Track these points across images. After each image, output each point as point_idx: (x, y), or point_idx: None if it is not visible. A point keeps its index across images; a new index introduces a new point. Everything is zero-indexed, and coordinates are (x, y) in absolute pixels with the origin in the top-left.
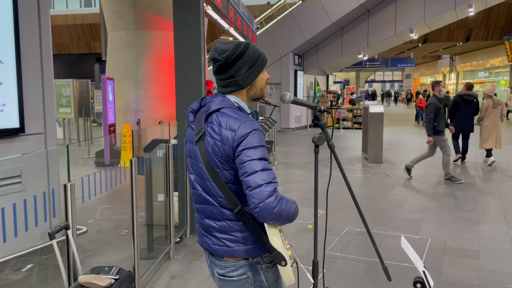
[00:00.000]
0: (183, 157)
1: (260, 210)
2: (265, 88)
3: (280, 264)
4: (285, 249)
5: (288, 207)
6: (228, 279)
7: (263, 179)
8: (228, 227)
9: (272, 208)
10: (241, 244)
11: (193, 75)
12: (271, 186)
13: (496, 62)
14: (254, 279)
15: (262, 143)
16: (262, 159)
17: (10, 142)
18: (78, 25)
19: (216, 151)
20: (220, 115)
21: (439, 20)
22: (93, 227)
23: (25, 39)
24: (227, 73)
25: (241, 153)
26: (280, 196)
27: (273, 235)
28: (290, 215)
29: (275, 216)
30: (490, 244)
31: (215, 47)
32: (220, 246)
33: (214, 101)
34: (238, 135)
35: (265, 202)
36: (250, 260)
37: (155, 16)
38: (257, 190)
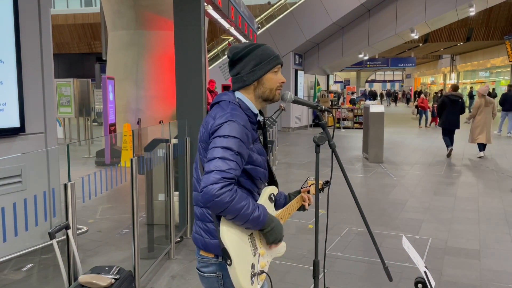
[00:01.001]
0: (183, 157)
1: (203, 194)
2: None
3: (226, 262)
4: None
5: (238, 203)
6: (201, 274)
7: (217, 166)
8: (204, 216)
9: (213, 195)
10: (212, 236)
11: (194, 74)
12: (221, 174)
13: (497, 62)
14: (224, 280)
15: (234, 134)
16: (227, 148)
17: (11, 141)
18: (79, 25)
19: (201, 137)
20: (216, 106)
21: (440, 20)
22: (93, 227)
23: (26, 38)
24: (235, 69)
25: (212, 140)
26: (232, 188)
27: (226, 230)
28: (241, 214)
29: (217, 204)
30: (491, 244)
31: (230, 47)
32: (198, 235)
33: (221, 95)
34: (216, 123)
35: (208, 187)
36: (219, 259)
37: (155, 15)
38: (206, 175)
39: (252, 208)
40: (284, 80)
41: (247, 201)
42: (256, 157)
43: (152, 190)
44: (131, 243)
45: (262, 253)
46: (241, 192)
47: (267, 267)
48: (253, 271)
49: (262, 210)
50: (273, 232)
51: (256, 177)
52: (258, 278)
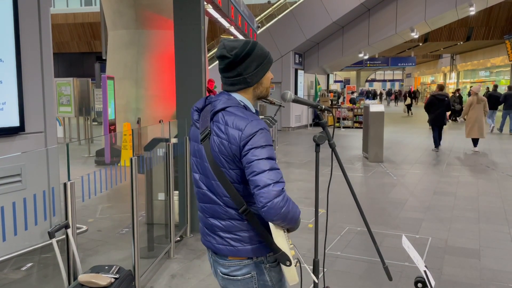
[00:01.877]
0: (183, 156)
1: (268, 210)
2: (270, 87)
3: (284, 264)
4: (289, 249)
5: (295, 209)
6: (232, 278)
7: (271, 178)
8: (232, 227)
9: (279, 207)
10: (246, 243)
11: (194, 74)
12: (279, 185)
13: (497, 62)
14: (258, 278)
15: (269, 142)
16: (270, 159)
17: (10, 140)
18: (79, 24)
19: (223, 150)
20: (226, 114)
21: (440, 19)
22: (93, 226)
23: (25, 37)
24: (235, 70)
25: (248, 152)
26: (287, 196)
27: (278, 236)
28: (296, 217)
29: (282, 216)
30: (491, 243)
31: (223, 45)
32: (224, 245)
33: (220, 100)
34: (245, 134)
35: (273, 202)
36: (254, 260)
37: (155, 15)
38: (265, 190)
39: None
40: (273, 76)
41: (295, 205)
42: None
43: (152, 190)
44: (131, 242)
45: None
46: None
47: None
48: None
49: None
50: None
51: None
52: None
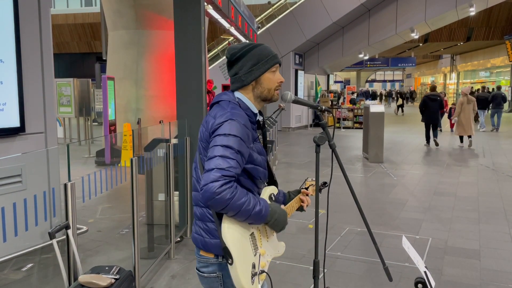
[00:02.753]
0: (183, 157)
1: (203, 193)
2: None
3: (227, 261)
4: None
5: (239, 199)
6: (201, 274)
7: (217, 164)
8: (204, 216)
9: (213, 193)
10: (212, 236)
11: (194, 74)
12: (221, 172)
13: (497, 62)
14: (224, 280)
15: (235, 132)
16: (227, 147)
17: (11, 141)
18: (79, 24)
19: (202, 137)
20: (216, 106)
21: (440, 20)
22: (93, 227)
23: (26, 38)
24: (233, 69)
25: (212, 139)
26: (232, 185)
27: (228, 228)
28: (244, 210)
29: (218, 202)
30: (491, 244)
31: (228, 47)
32: (198, 235)
33: (221, 95)
34: (216, 122)
35: (208, 185)
36: (220, 259)
37: (155, 15)
38: (207, 173)
39: (253, 203)
40: (282, 79)
41: (247, 197)
42: (256, 156)
43: (152, 190)
44: (131, 242)
45: (263, 253)
46: (241, 189)
47: (267, 267)
48: (253, 270)
49: (264, 204)
50: (277, 222)
51: (256, 177)
52: (258, 277)
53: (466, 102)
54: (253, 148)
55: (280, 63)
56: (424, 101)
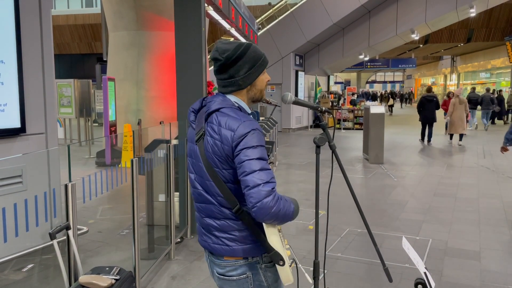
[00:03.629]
0: (184, 158)
1: (258, 210)
2: (265, 90)
3: (278, 264)
4: (283, 249)
5: (286, 207)
6: (228, 279)
7: (261, 178)
8: (227, 226)
9: (269, 207)
10: (240, 243)
11: (194, 75)
12: (269, 185)
13: (497, 63)
14: (253, 278)
15: (261, 142)
16: (261, 159)
17: (11, 142)
18: (80, 25)
19: (216, 150)
20: (220, 114)
21: (440, 21)
22: (94, 227)
23: (27, 39)
24: (228, 73)
25: (240, 153)
26: (278, 196)
27: (271, 235)
28: (289, 215)
29: (273, 216)
30: (491, 245)
31: (216, 47)
32: (219, 245)
33: (215, 101)
34: (237, 135)
35: (263, 202)
36: (249, 260)
37: (156, 16)
38: (255, 190)
39: (291, 206)
40: (269, 78)
41: (288, 202)
42: None
43: (153, 191)
44: (132, 243)
45: (286, 243)
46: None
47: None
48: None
49: (292, 201)
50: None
51: None
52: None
53: (458, 103)
54: None
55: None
56: (421, 101)
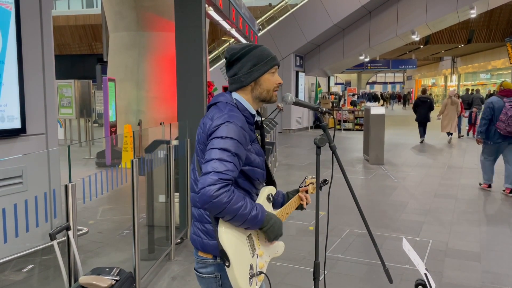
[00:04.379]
0: (184, 158)
1: (200, 196)
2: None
3: (224, 264)
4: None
5: (235, 203)
6: (199, 275)
7: (214, 167)
8: (202, 217)
9: (210, 196)
10: (211, 237)
11: (195, 76)
12: (218, 175)
13: (498, 64)
14: (222, 281)
15: (232, 135)
16: (224, 149)
17: (12, 142)
18: (80, 26)
19: (199, 138)
20: (214, 107)
21: (441, 22)
22: (94, 228)
23: (27, 39)
24: (232, 70)
25: (210, 142)
26: (229, 189)
27: (224, 232)
28: (239, 214)
29: (215, 206)
30: (492, 246)
31: (228, 48)
32: (196, 236)
33: (218, 96)
34: (214, 124)
35: (205, 189)
36: (218, 260)
37: (156, 17)
38: (204, 176)
39: (249, 208)
40: (281, 81)
41: (244, 201)
42: (254, 157)
43: (153, 191)
44: (132, 244)
45: (261, 254)
46: (238, 193)
47: (266, 268)
48: (251, 272)
49: (260, 209)
50: (272, 229)
51: (254, 178)
52: (256, 279)
53: (450, 104)
54: (250, 149)
55: (279, 65)
56: (416, 102)
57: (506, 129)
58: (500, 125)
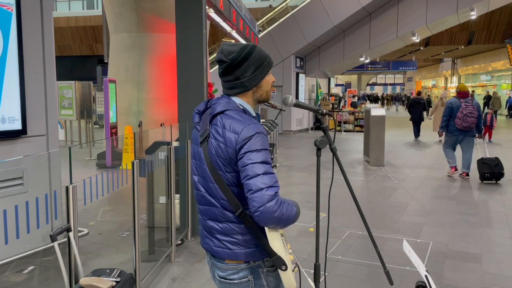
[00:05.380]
0: (184, 159)
1: (261, 214)
2: (271, 91)
3: (280, 269)
4: (286, 253)
5: (289, 211)
6: (229, 282)
7: (265, 182)
8: (229, 229)
9: (272, 212)
10: (242, 247)
11: (195, 77)
12: (272, 190)
13: (498, 66)
14: (255, 282)
15: (265, 146)
16: (265, 163)
17: (13, 144)
18: (81, 27)
19: (219, 153)
20: (224, 117)
21: (441, 24)
22: (94, 229)
23: (28, 41)
24: (233, 74)
25: (243, 156)
26: (281, 200)
27: (273, 239)
28: (291, 218)
29: (275, 220)
30: (492, 247)
31: (221, 49)
32: (221, 248)
33: (219, 103)
34: (242, 138)
35: (266, 206)
36: (251, 263)
37: (157, 18)
38: (258, 194)
39: (293, 209)
40: (274, 79)
41: (290, 205)
42: None
43: (153, 193)
44: (132, 245)
45: (289, 247)
46: (284, 199)
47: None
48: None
49: (294, 204)
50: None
51: None
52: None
53: (440, 105)
54: None
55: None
56: (410, 103)
57: (462, 124)
58: (457, 121)
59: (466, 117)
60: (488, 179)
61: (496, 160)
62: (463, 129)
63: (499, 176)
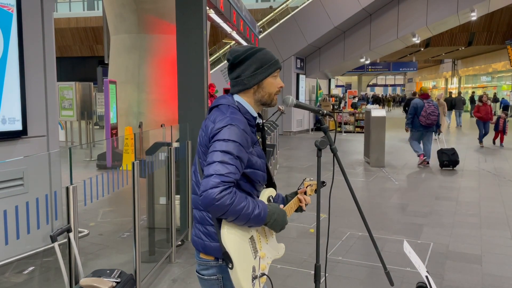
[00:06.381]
0: (185, 160)
1: (203, 199)
2: (275, 95)
3: (227, 266)
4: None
5: (240, 205)
6: (201, 277)
7: (216, 169)
8: (204, 219)
9: (213, 199)
10: (212, 239)
11: (196, 78)
12: (220, 178)
13: (499, 67)
14: (224, 282)
15: (234, 138)
16: (226, 152)
17: (13, 144)
18: (81, 28)
19: (201, 141)
20: (216, 110)
21: (442, 25)
22: (94, 230)
23: (29, 41)
24: (235, 72)
25: (212, 144)
26: (230, 191)
27: (228, 234)
28: (242, 214)
29: (218, 208)
30: (493, 249)
31: (230, 50)
32: (197, 237)
33: (219, 99)
34: (216, 127)
35: (208, 192)
36: (220, 262)
37: (157, 19)
38: (206, 179)
39: (252, 207)
40: (282, 85)
41: (246, 201)
42: (256, 160)
43: (154, 194)
44: (132, 246)
45: (263, 255)
46: (240, 193)
47: (267, 270)
48: (254, 273)
49: (262, 207)
50: (276, 223)
51: (255, 180)
52: (259, 280)
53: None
54: (252, 152)
55: (281, 68)
56: (406, 103)
57: (426, 121)
58: (421, 119)
59: (430, 116)
60: (446, 166)
61: (452, 150)
62: (426, 125)
63: (455, 163)
